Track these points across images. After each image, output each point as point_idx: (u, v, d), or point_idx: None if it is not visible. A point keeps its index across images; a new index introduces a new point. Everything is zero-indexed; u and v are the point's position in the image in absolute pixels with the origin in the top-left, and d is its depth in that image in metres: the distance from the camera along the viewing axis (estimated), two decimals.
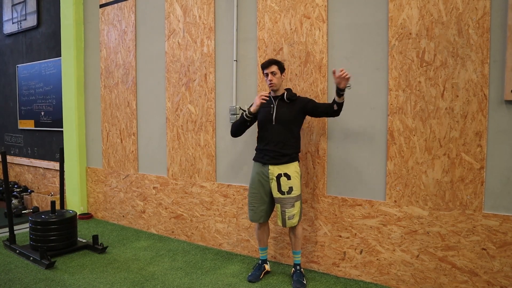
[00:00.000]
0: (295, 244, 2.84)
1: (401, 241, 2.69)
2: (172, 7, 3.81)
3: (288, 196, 2.71)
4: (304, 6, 3.01)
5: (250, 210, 2.87)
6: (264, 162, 2.78)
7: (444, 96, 2.51)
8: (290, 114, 2.74)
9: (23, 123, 5.69)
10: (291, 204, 2.71)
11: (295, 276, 2.81)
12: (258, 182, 2.82)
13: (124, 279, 2.92)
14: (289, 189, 2.71)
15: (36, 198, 5.01)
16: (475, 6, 2.38)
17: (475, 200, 2.44)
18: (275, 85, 2.77)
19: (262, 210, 2.84)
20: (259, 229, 2.94)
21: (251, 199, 2.86)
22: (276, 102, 2.79)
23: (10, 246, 3.52)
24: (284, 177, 2.71)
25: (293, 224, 2.73)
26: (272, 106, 2.79)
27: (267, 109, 2.79)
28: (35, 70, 5.41)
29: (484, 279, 2.42)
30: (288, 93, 2.79)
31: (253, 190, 2.85)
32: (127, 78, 4.26)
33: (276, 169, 2.73)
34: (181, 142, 3.82)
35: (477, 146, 2.42)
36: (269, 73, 2.75)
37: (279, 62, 2.78)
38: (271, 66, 2.75)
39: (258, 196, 2.83)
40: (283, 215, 2.72)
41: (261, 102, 2.73)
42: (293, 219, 2.72)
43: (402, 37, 2.64)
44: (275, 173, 2.73)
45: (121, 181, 4.39)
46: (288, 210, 2.71)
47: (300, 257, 2.87)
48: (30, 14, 5.37)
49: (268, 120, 2.77)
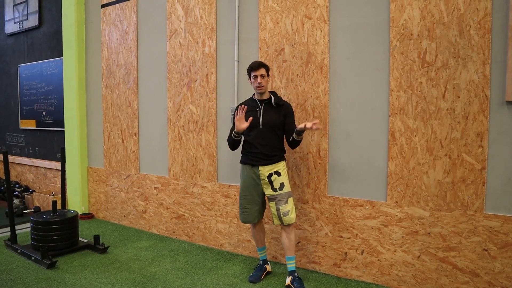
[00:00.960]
0: (289, 248, 2.78)
1: (402, 241, 2.69)
2: (174, 7, 3.82)
3: (281, 192, 2.74)
4: (305, 6, 3.01)
5: (243, 212, 2.88)
6: (253, 164, 2.80)
7: (446, 96, 2.51)
8: (277, 118, 2.77)
9: (25, 123, 5.70)
10: (285, 200, 2.73)
11: (296, 284, 2.71)
12: (249, 184, 2.83)
13: (125, 279, 2.92)
14: (281, 185, 2.75)
15: (38, 198, 5.01)
16: (477, 7, 2.38)
17: (476, 201, 2.44)
18: (264, 88, 2.77)
19: (256, 211, 2.86)
20: (254, 229, 2.95)
21: (243, 201, 2.87)
22: (262, 106, 2.80)
23: (12, 245, 3.53)
24: (274, 174, 2.75)
25: (290, 220, 2.73)
26: (259, 110, 2.79)
27: (253, 113, 2.78)
28: (36, 70, 5.42)
29: (485, 280, 2.42)
30: (275, 97, 2.81)
31: (245, 193, 2.86)
32: (129, 78, 4.26)
33: (266, 169, 2.77)
34: (183, 142, 3.82)
35: (478, 147, 2.42)
36: (258, 75, 2.73)
37: (266, 65, 2.78)
38: (260, 69, 2.74)
39: (250, 197, 2.84)
40: (278, 213, 2.73)
41: (242, 126, 2.69)
42: (288, 215, 2.73)
43: (403, 38, 2.64)
44: (266, 173, 2.76)
45: (122, 181, 4.39)
46: (282, 206, 2.73)
47: (295, 262, 2.81)
48: (31, 14, 5.38)
49: (255, 124, 2.77)
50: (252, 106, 2.81)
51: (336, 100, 2.94)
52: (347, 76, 2.89)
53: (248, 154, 2.83)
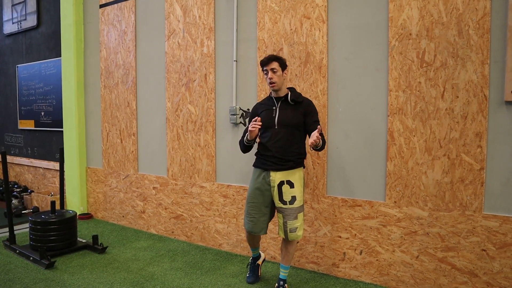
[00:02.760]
0: (286, 258, 2.60)
1: (401, 242, 2.69)
2: (172, 7, 3.81)
3: (291, 207, 2.48)
4: (304, 6, 3.01)
5: (250, 221, 2.60)
6: (265, 168, 2.54)
7: (444, 96, 2.51)
8: (294, 117, 2.50)
9: (23, 123, 5.69)
10: (294, 215, 2.48)
11: None
12: (257, 190, 2.58)
13: (123, 279, 2.92)
14: (292, 198, 2.48)
15: (36, 198, 5.00)
16: (475, 6, 2.38)
17: (475, 201, 2.44)
18: (276, 84, 2.49)
19: (263, 222, 2.60)
20: (251, 237, 2.73)
21: (250, 209, 2.60)
22: (278, 104, 2.55)
23: (10, 246, 3.52)
24: (286, 184, 2.49)
25: (296, 237, 2.51)
26: (274, 108, 2.54)
27: (268, 112, 2.55)
28: (35, 70, 5.41)
29: (483, 280, 2.42)
30: (292, 93, 2.54)
31: (252, 200, 2.60)
32: (127, 78, 4.26)
33: (278, 175, 2.51)
34: (181, 142, 3.82)
35: (477, 147, 2.42)
36: (269, 70, 2.48)
37: (280, 58, 2.51)
38: (271, 63, 2.47)
39: (256, 207, 2.58)
40: (285, 227, 2.50)
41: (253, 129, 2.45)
42: (295, 232, 2.49)
43: (402, 38, 2.64)
44: (276, 180, 2.51)
45: (121, 181, 4.39)
46: (290, 222, 2.48)
47: (287, 273, 2.65)
48: (30, 14, 5.37)
49: (269, 124, 2.53)
50: (268, 105, 2.58)
51: (334, 100, 2.94)
52: (345, 76, 2.88)
53: (261, 157, 2.58)
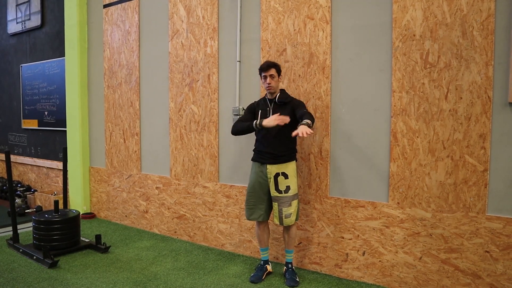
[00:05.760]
0: (288, 242, 2.91)
1: (404, 243, 2.68)
2: (176, 8, 3.82)
3: (285, 195, 2.78)
4: (307, 7, 3.01)
5: (249, 209, 2.91)
6: (262, 162, 2.86)
7: (448, 98, 2.50)
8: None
9: (27, 123, 5.71)
10: (288, 203, 2.78)
11: (287, 275, 2.88)
12: (257, 181, 2.88)
13: (126, 278, 2.93)
14: (286, 188, 2.78)
15: (39, 198, 5.02)
16: (480, 7, 2.37)
17: (478, 203, 2.43)
18: (273, 88, 2.80)
19: (261, 209, 2.89)
20: (259, 228, 2.97)
21: (249, 198, 2.91)
22: (271, 105, 2.85)
23: (14, 245, 3.54)
24: (281, 176, 2.79)
25: (290, 222, 2.80)
26: (268, 109, 2.85)
27: (263, 112, 2.85)
28: (38, 70, 5.43)
29: (487, 281, 2.41)
30: (280, 95, 2.83)
31: (252, 190, 2.90)
32: (131, 78, 4.27)
33: (274, 168, 2.81)
34: (184, 142, 3.82)
35: (481, 148, 2.41)
36: (268, 76, 2.78)
37: (277, 65, 2.81)
38: (270, 69, 2.77)
39: (256, 195, 2.88)
40: (280, 214, 2.79)
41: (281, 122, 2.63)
42: (290, 217, 2.78)
43: (406, 39, 2.63)
44: (273, 172, 2.81)
45: (124, 181, 4.40)
46: (285, 209, 2.78)
47: (292, 256, 2.94)
48: (34, 14, 5.39)
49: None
50: (263, 106, 2.88)
51: (338, 101, 2.94)
52: (349, 76, 2.88)
53: (259, 152, 2.90)
